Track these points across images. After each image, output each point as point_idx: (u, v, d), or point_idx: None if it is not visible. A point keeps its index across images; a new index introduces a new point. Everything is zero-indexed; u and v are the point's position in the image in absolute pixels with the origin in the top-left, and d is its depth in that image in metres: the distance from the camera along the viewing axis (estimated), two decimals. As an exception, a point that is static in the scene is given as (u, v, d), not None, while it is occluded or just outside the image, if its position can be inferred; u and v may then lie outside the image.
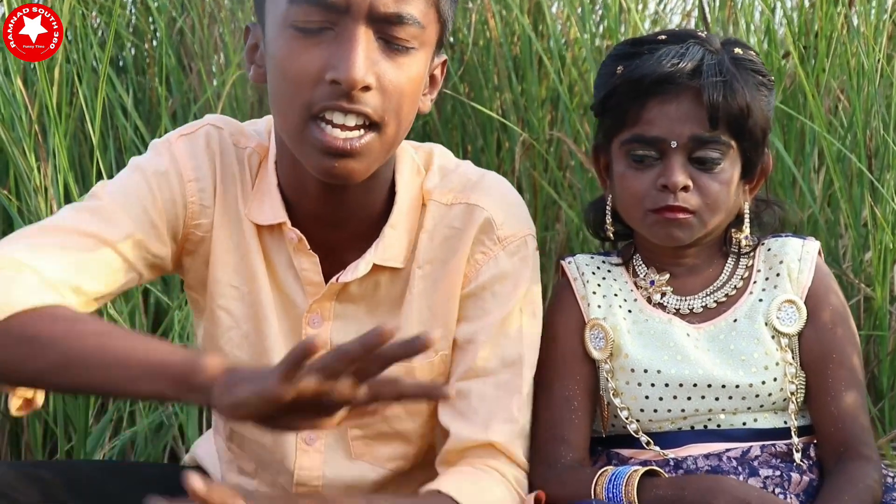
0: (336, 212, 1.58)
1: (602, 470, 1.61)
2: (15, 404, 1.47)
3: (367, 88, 1.44)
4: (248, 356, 1.64)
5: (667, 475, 1.61)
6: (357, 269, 1.59)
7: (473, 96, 2.72)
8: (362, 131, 1.46)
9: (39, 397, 1.51)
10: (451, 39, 2.81)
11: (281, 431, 1.33)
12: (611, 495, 1.57)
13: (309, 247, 1.59)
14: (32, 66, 2.29)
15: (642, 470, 1.58)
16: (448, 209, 1.63)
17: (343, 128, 1.45)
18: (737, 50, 1.67)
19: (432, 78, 1.58)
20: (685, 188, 1.64)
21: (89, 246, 1.52)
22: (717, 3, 2.64)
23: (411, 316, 1.62)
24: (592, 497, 1.58)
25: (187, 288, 1.70)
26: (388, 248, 1.60)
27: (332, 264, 1.61)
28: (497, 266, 1.62)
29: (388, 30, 1.46)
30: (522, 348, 1.63)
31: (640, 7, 2.77)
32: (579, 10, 2.67)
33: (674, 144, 1.63)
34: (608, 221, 1.75)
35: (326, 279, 1.60)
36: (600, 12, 2.81)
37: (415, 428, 1.66)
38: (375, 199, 1.60)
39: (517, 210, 1.67)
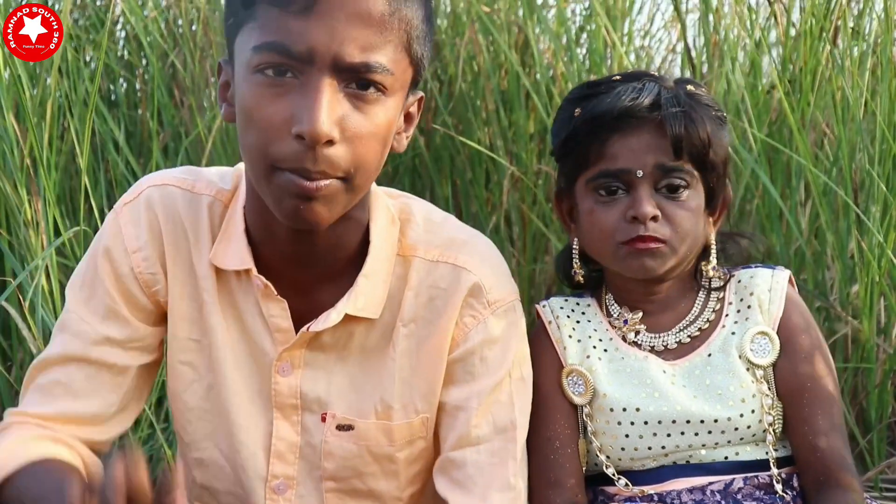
0: (306, 254, 1.56)
1: None
2: None
3: (331, 142, 1.40)
4: (213, 407, 1.64)
5: None
6: (328, 319, 1.56)
7: (462, 130, 2.74)
8: (329, 180, 1.43)
9: None
10: (440, 74, 2.83)
11: None
12: None
13: (276, 293, 1.56)
14: (24, 100, 2.30)
15: None
16: (433, 266, 1.60)
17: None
18: (689, 87, 1.70)
19: (408, 115, 1.55)
20: (654, 218, 1.65)
21: (74, 372, 1.59)
22: (702, 39, 2.67)
23: (394, 374, 1.60)
24: None
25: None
26: (361, 298, 1.57)
27: (302, 308, 1.59)
28: (486, 330, 1.60)
29: (355, 79, 1.42)
30: (514, 414, 1.61)
31: (626, 40, 2.80)
32: (565, 43, 2.69)
33: (640, 174, 1.65)
34: (576, 265, 1.76)
35: (297, 323, 1.58)
36: (586, 46, 2.83)
37: (389, 489, 1.65)
38: (347, 242, 1.57)
39: (504, 275, 1.65)
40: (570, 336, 1.74)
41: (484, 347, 1.60)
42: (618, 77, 1.72)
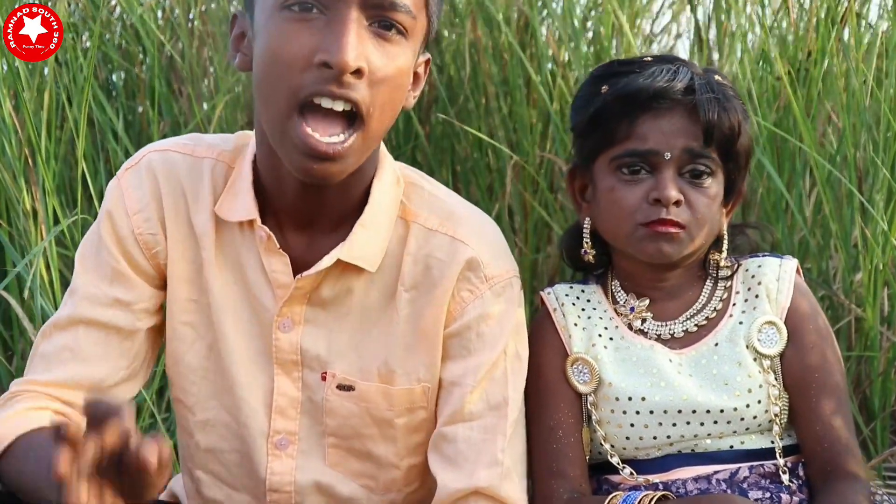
0: (313, 206, 1.57)
1: (612, 496, 1.61)
2: None
3: (357, 73, 1.42)
4: (215, 366, 1.64)
5: (676, 499, 1.61)
6: (321, 264, 1.57)
7: (463, 118, 2.72)
8: (343, 136, 1.45)
9: None
10: (440, 61, 2.82)
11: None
12: None
13: (278, 246, 1.58)
14: (22, 89, 2.29)
15: (655, 495, 1.58)
16: (431, 234, 1.61)
17: (329, 114, 1.43)
18: (717, 77, 1.69)
19: (416, 75, 1.57)
20: (677, 203, 1.64)
21: (83, 335, 1.58)
22: (714, 24, 2.66)
23: (398, 339, 1.61)
24: None
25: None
26: (356, 246, 1.58)
27: (304, 266, 1.59)
28: (483, 306, 1.60)
29: (380, 16, 1.44)
30: (507, 391, 1.61)
31: (637, 21, 2.77)
32: (570, 29, 2.67)
33: (667, 156, 1.64)
34: (587, 245, 1.75)
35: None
36: (591, 31, 2.81)
37: (386, 454, 1.65)
38: (352, 196, 1.59)
39: (503, 251, 1.66)
40: (575, 324, 1.73)
41: (480, 323, 1.61)
42: (649, 58, 1.72)
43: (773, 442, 1.67)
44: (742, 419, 1.65)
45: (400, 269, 1.61)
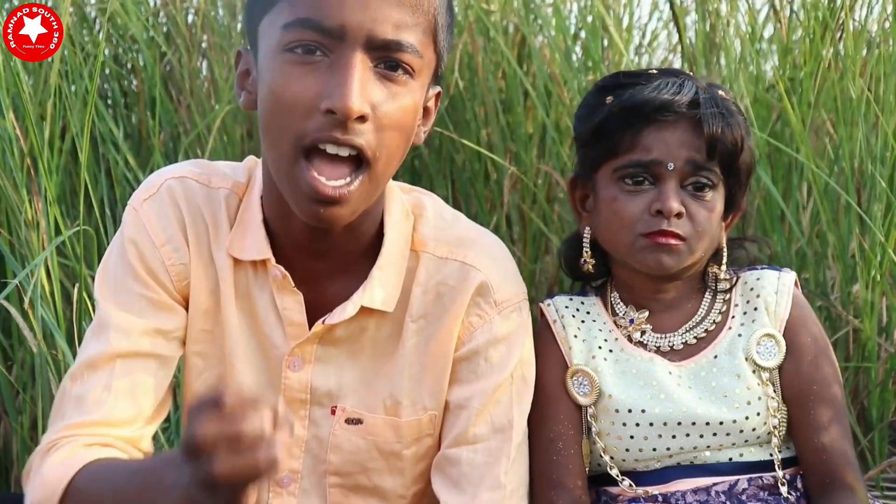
0: (322, 245, 1.55)
1: None
2: None
3: (362, 119, 1.40)
4: None
5: None
6: (344, 312, 1.56)
7: (461, 130, 2.73)
8: (349, 178, 1.43)
9: None
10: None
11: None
12: None
13: (293, 284, 1.57)
14: (24, 99, 2.29)
15: None
16: (442, 263, 1.61)
17: (335, 158, 1.41)
18: (721, 93, 1.71)
19: (426, 110, 1.55)
20: (678, 214, 1.65)
21: (120, 370, 1.52)
22: (700, 38, 2.66)
23: (403, 370, 1.61)
24: None
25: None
26: (375, 290, 1.57)
27: (315, 304, 1.58)
28: (492, 331, 1.60)
29: (385, 57, 1.41)
30: (513, 414, 1.61)
31: (626, 37, 2.78)
32: (563, 43, 2.68)
33: (670, 167, 1.65)
34: (586, 254, 1.76)
35: (309, 319, 1.59)
36: (582, 44, 2.82)
37: (394, 486, 1.65)
38: (362, 234, 1.57)
39: (512, 274, 1.65)
40: (575, 336, 1.74)
41: (489, 348, 1.61)
42: (654, 70, 1.73)
43: (771, 454, 1.68)
44: (741, 431, 1.66)
45: (408, 300, 1.60)
